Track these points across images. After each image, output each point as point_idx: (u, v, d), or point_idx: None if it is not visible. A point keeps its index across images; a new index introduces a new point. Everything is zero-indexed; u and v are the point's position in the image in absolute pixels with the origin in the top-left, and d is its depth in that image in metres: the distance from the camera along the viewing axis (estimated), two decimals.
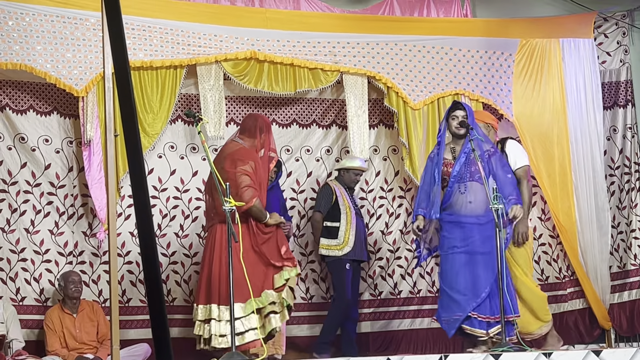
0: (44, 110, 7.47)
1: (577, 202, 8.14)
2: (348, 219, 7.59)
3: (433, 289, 8.15)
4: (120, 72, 1.92)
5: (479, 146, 6.58)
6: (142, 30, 7.40)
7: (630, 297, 8.34)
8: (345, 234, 7.56)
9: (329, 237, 7.58)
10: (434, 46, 8.18)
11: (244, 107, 8.03)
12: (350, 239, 7.55)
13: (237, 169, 6.24)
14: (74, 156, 7.49)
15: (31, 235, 7.31)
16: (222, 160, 6.39)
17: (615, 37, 8.70)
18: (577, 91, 8.31)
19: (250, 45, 7.70)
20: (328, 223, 7.62)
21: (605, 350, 5.65)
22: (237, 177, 6.20)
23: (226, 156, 6.40)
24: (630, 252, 8.38)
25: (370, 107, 8.14)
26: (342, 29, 8.01)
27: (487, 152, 6.63)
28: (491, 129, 7.29)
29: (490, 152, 6.65)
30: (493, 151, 6.70)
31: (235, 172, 6.22)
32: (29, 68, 7.03)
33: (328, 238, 7.57)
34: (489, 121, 7.33)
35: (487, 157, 6.59)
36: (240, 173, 6.21)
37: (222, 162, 6.34)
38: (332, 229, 7.59)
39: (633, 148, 8.52)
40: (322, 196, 7.70)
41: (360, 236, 7.64)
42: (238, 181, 6.18)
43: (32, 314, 7.23)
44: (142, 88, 7.40)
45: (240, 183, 6.18)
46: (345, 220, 7.59)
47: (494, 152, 6.70)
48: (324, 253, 7.57)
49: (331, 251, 7.54)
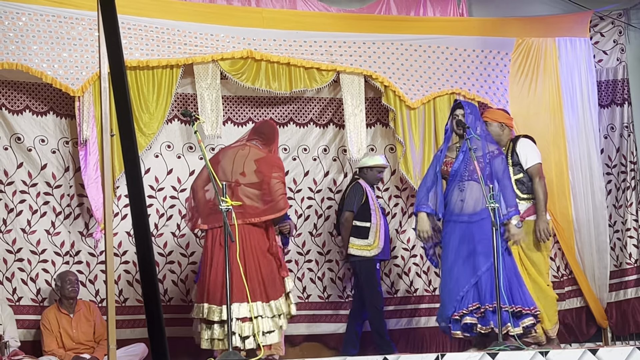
0: (40, 110, 7.46)
1: (574, 201, 8.15)
2: (377, 219, 7.59)
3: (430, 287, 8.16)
4: (116, 72, 1.92)
5: (482, 146, 6.58)
6: (139, 30, 7.39)
7: (626, 296, 8.36)
8: (376, 234, 7.54)
9: (359, 237, 7.54)
10: (430, 45, 8.18)
11: (241, 106, 8.02)
12: (380, 239, 7.55)
13: (276, 175, 6.44)
14: (70, 156, 7.48)
15: (27, 236, 7.30)
16: (248, 163, 6.46)
17: (612, 35, 8.71)
18: (573, 90, 8.32)
19: (247, 45, 7.70)
20: (358, 223, 7.57)
21: (602, 349, 5.66)
22: (274, 184, 6.40)
23: (258, 160, 6.48)
24: (626, 250, 8.39)
25: (367, 106, 8.14)
26: (338, 28, 8.01)
27: (490, 154, 6.62)
28: (505, 127, 7.26)
29: (493, 155, 6.63)
30: (497, 153, 6.68)
31: (272, 178, 6.41)
32: (25, 68, 7.02)
33: (358, 238, 7.54)
34: (503, 120, 7.28)
35: (488, 159, 6.58)
36: (278, 180, 6.44)
37: (250, 166, 6.44)
38: (362, 229, 7.55)
39: (629, 147, 8.53)
40: (354, 195, 7.64)
41: (386, 236, 7.66)
42: (275, 187, 6.39)
43: (29, 314, 7.22)
44: (138, 88, 7.40)
45: (279, 190, 6.41)
46: (375, 220, 7.58)
47: (497, 154, 6.67)
48: (354, 253, 7.53)
49: (361, 251, 7.51)
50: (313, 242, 8.08)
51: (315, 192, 8.12)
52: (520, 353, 5.53)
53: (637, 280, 8.35)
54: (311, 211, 8.11)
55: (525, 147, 7.18)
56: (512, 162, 7.10)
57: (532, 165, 7.11)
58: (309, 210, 8.09)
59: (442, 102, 8.13)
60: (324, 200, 8.11)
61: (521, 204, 6.94)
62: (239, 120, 8.01)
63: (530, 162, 7.11)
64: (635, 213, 8.42)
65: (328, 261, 8.08)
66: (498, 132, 7.14)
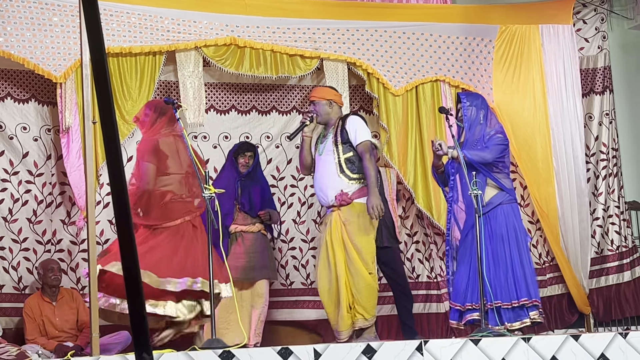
0: (22, 97, 7.42)
1: (558, 188, 8.18)
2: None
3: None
4: (97, 59, 1.90)
5: (481, 134, 6.71)
6: (121, 17, 7.35)
7: (607, 282, 8.41)
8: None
9: None
10: (414, 32, 8.18)
11: (223, 93, 8.00)
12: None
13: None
14: (52, 144, 7.44)
15: (9, 224, 7.26)
16: (184, 153, 6.16)
17: (594, 23, 8.73)
18: (557, 78, 8.33)
19: (230, 32, 7.67)
20: None
21: (584, 335, 5.69)
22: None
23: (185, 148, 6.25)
24: (608, 237, 8.44)
25: (351, 93, 8.14)
26: (322, 15, 7.99)
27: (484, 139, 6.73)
28: (334, 105, 6.84)
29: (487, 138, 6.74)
30: (491, 136, 6.77)
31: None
32: (7, 54, 6.96)
33: None
34: (331, 97, 6.85)
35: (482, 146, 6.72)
36: None
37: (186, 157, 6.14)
38: None
39: (611, 134, 8.57)
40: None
41: None
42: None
43: (11, 302, 7.20)
44: (121, 75, 7.36)
45: None
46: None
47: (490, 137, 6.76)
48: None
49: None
50: (297, 230, 8.08)
51: (299, 179, 8.11)
52: (503, 339, 5.56)
53: (619, 266, 8.41)
54: (294, 199, 8.11)
55: (355, 124, 6.73)
56: (342, 140, 6.68)
57: (361, 142, 6.63)
58: (292, 198, 8.09)
59: (425, 89, 8.14)
60: (307, 188, 8.10)
61: (351, 184, 6.60)
62: (222, 108, 8.00)
63: (359, 139, 6.63)
64: (618, 200, 8.47)
65: (312, 248, 8.08)
66: (326, 110, 6.78)
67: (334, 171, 6.62)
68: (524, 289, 6.51)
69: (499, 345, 5.40)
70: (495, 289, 6.47)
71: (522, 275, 6.54)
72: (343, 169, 6.62)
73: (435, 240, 8.21)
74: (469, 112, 6.80)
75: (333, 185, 6.62)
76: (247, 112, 8.09)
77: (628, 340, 5.61)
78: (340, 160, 6.64)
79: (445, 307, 8.11)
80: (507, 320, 6.50)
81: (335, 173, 6.62)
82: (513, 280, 6.52)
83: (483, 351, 5.34)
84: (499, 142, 6.70)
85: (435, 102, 8.08)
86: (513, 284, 6.52)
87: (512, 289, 6.51)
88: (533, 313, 6.54)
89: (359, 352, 5.16)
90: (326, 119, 6.79)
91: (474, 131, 6.75)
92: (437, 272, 8.22)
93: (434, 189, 7.90)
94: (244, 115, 8.08)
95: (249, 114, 8.09)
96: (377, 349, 5.20)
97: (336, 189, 6.61)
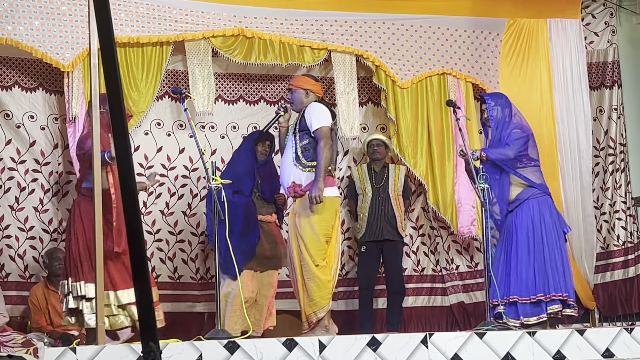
0: (29, 86, 7.42)
1: (563, 183, 8.16)
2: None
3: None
4: (106, 48, 1.90)
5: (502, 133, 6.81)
6: (129, 6, 7.34)
7: (613, 277, 8.40)
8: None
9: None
10: (421, 25, 8.16)
11: (231, 83, 7.99)
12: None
13: None
14: (59, 133, 7.45)
15: (16, 212, 7.28)
16: None
17: (603, 17, 8.70)
18: (564, 72, 8.31)
19: (238, 23, 7.65)
20: None
21: (589, 330, 5.68)
22: None
23: None
24: (614, 232, 8.42)
25: (359, 85, 8.12)
26: (329, 7, 7.97)
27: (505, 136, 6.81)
28: (311, 94, 6.58)
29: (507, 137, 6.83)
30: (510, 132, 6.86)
31: None
32: (15, 43, 6.96)
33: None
34: (308, 87, 6.61)
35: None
36: None
37: None
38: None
39: (618, 129, 8.54)
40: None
41: None
42: None
43: (17, 290, 7.22)
44: (127, 65, 7.35)
45: None
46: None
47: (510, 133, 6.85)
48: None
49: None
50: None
51: None
52: (507, 333, 5.55)
53: (625, 262, 8.39)
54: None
55: (313, 111, 6.41)
56: (299, 129, 6.46)
57: (318, 128, 6.36)
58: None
59: (432, 82, 8.12)
60: None
61: (305, 173, 6.34)
62: (230, 98, 7.99)
63: (316, 125, 6.33)
64: (624, 195, 8.45)
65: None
66: (301, 99, 6.55)
67: (290, 160, 6.44)
68: (541, 284, 6.50)
69: (504, 339, 5.40)
70: (512, 283, 6.52)
71: (542, 270, 6.54)
72: (299, 157, 6.38)
73: (440, 233, 8.20)
74: (494, 112, 6.81)
75: (289, 175, 6.44)
76: (255, 102, 8.08)
77: (633, 336, 5.61)
78: (297, 148, 6.41)
79: (450, 300, 8.14)
80: (524, 315, 6.50)
81: (291, 162, 6.42)
82: (533, 275, 6.53)
83: (488, 345, 5.34)
84: (517, 137, 6.73)
85: (443, 95, 8.06)
86: (533, 279, 6.52)
87: (531, 284, 6.53)
88: (553, 307, 6.52)
89: (364, 344, 5.17)
90: (300, 108, 6.55)
91: (501, 130, 6.79)
92: (443, 265, 8.22)
93: (441, 182, 7.93)
94: (252, 106, 8.07)
95: (257, 104, 8.08)
96: (382, 341, 5.20)
97: (291, 178, 6.42)
